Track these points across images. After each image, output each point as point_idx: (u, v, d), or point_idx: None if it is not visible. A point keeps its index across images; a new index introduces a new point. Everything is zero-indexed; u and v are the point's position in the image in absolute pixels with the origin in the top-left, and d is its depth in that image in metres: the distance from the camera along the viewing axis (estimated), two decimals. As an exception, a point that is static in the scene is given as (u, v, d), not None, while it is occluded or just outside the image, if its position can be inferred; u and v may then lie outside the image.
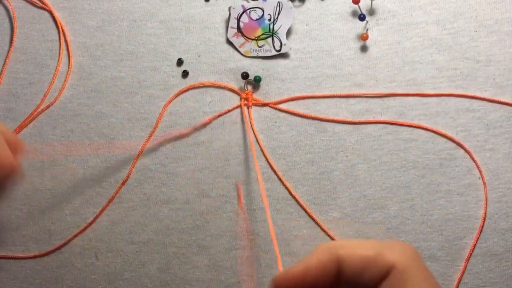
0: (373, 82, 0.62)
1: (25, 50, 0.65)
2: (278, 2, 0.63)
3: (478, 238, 0.60)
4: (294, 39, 0.64)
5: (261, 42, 0.64)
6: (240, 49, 0.64)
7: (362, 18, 0.62)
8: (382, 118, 0.62)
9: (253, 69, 0.64)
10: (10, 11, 0.66)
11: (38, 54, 0.65)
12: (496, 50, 0.62)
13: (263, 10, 0.64)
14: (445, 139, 0.62)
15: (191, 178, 0.62)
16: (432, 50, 0.62)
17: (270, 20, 0.64)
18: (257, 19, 0.64)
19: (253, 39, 0.64)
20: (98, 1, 0.65)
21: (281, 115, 0.63)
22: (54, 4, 0.66)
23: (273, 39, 0.63)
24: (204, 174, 0.62)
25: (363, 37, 0.62)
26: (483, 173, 0.61)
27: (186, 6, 0.65)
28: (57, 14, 0.65)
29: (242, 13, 0.64)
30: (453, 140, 0.61)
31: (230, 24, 0.64)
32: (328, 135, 0.62)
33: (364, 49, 0.63)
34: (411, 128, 0.62)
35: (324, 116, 0.62)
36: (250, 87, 0.63)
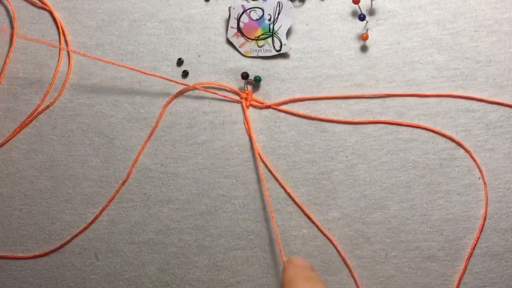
0: (373, 82, 0.62)
1: (25, 50, 0.65)
2: (278, 2, 0.63)
3: (478, 238, 0.60)
4: (294, 39, 0.64)
5: (261, 42, 0.64)
6: (240, 49, 0.64)
7: (362, 18, 0.62)
8: (382, 118, 0.62)
9: (253, 69, 0.64)
10: (10, 11, 0.66)
11: (38, 54, 0.65)
12: (496, 50, 0.62)
13: (263, 10, 0.64)
14: (445, 139, 0.62)
15: (191, 178, 0.62)
16: (432, 50, 0.62)
17: (270, 20, 0.64)
18: (257, 19, 0.64)
19: (253, 39, 0.64)
20: (98, 1, 0.65)
21: (281, 115, 0.63)
22: (54, 4, 0.66)
23: (273, 39, 0.63)
24: (204, 174, 0.62)
25: (363, 37, 0.62)
26: (483, 173, 0.61)
27: (186, 6, 0.65)
28: (57, 14, 0.65)
29: (242, 13, 0.64)
30: (453, 140, 0.61)
31: (230, 24, 0.64)
32: (328, 135, 0.62)
33: (364, 49, 0.63)
34: (411, 128, 0.62)
35: (324, 116, 0.62)
36: (250, 87, 0.63)
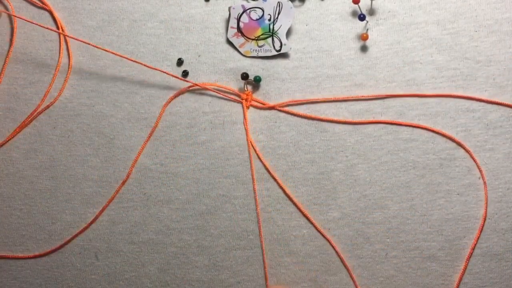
0: (373, 82, 0.62)
1: (25, 50, 0.65)
2: (278, 2, 0.63)
3: (478, 238, 0.60)
4: (294, 39, 0.64)
5: (261, 42, 0.64)
6: (240, 49, 0.64)
7: (362, 18, 0.62)
8: (382, 118, 0.62)
9: (253, 69, 0.64)
10: (10, 11, 0.66)
11: (38, 54, 0.65)
12: (496, 50, 0.62)
13: (263, 10, 0.64)
14: (445, 139, 0.62)
15: (191, 178, 0.62)
16: (432, 50, 0.62)
17: (270, 20, 0.64)
18: (257, 19, 0.64)
19: (253, 39, 0.64)
20: (98, 1, 0.65)
21: (281, 115, 0.63)
22: (54, 4, 0.66)
23: (273, 39, 0.63)
24: (204, 174, 0.62)
25: (363, 37, 0.62)
26: (483, 173, 0.61)
27: (186, 6, 0.65)
28: (57, 14, 0.65)
29: (242, 13, 0.64)
30: (453, 140, 0.61)
31: (230, 24, 0.64)
32: (328, 135, 0.62)
33: (364, 49, 0.63)
34: (411, 128, 0.62)
35: (324, 116, 0.62)
36: (250, 88, 0.63)
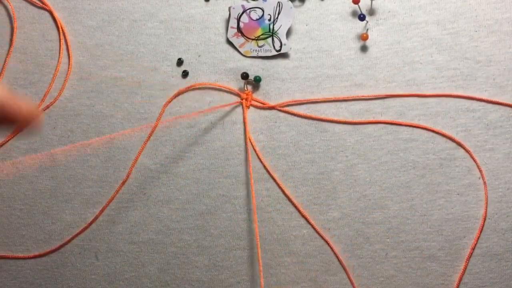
0: (373, 82, 0.62)
1: (25, 50, 0.65)
2: (278, 2, 0.63)
3: (478, 238, 0.60)
4: (294, 39, 0.64)
5: (261, 42, 0.64)
6: (240, 49, 0.64)
7: (362, 18, 0.62)
8: (382, 118, 0.62)
9: (253, 69, 0.64)
10: (10, 11, 0.66)
11: (38, 54, 0.65)
12: (496, 50, 0.62)
13: (263, 10, 0.64)
14: (445, 139, 0.61)
15: (191, 178, 0.62)
16: (432, 50, 0.62)
17: (270, 20, 0.64)
18: (257, 19, 0.64)
19: (253, 39, 0.64)
20: (98, 1, 0.65)
21: (281, 115, 0.63)
22: (54, 4, 0.66)
23: (273, 39, 0.63)
24: (204, 174, 0.62)
25: (363, 37, 0.62)
26: (483, 173, 0.61)
27: (186, 6, 0.65)
28: (57, 14, 0.65)
29: (242, 13, 0.64)
30: (453, 140, 0.61)
31: (230, 24, 0.64)
32: (328, 135, 0.62)
33: (364, 49, 0.63)
34: (411, 128, 0.62)
35: (324, 116, 0.62)
36: (250, 87, 0.63)
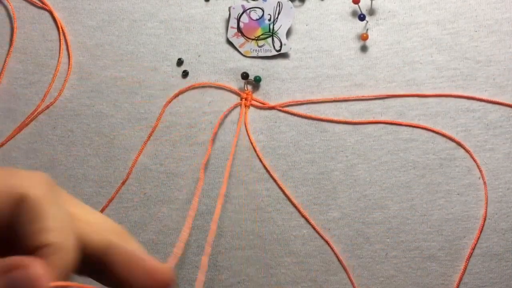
0: (373, 82, 0.62)
1: (25, 50, 0.65)
2: (278, 2, 0.63)
3: (478, 238, 0.60)
4: (294, 39, 0.64)
5: (261, 42, 0.64)
6: (240, 49, 0.64)
7: (362, 18, 0.62)
8: (382, 118, 0.62)
9: (253, 69, 0.64)
10: (10, 11, 0.66)
11: (38, 54, 0.65)
12: (496, 50, 0.62)
13: (263, 10, 0.64)
14: (445, 139, 0.61)
15: (191, 178, 0.62)
16: (432, 50, 0.62)
17: (270, 20, 0.64)
18: (257, 19, 0.64)
19: (253, 39, 0.64)
20: (98, 1, 0.65)
21: (281, 115, 0.63)
22: (54, 4, 0.66)
23: (273, 39, 0.63)
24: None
25: (363, 37, 0.62)
26: (483, 173, 0.61)
27: (186, 6, 0.65)
28: (57, 14, 0.65)
29: (242, 13, 0.64)
30: (453, 140, 0.61)
31: (230, 24, 0.64)
32: (328, 135, 0.62)
33: (364, 49, 0.63)
34: (411, 128, 0.62)
35: (324, 116, 0.62)
36: (250, 87, 0.63)
